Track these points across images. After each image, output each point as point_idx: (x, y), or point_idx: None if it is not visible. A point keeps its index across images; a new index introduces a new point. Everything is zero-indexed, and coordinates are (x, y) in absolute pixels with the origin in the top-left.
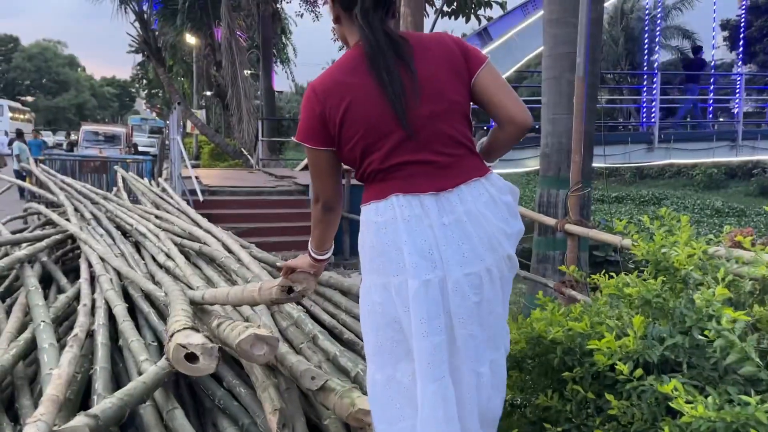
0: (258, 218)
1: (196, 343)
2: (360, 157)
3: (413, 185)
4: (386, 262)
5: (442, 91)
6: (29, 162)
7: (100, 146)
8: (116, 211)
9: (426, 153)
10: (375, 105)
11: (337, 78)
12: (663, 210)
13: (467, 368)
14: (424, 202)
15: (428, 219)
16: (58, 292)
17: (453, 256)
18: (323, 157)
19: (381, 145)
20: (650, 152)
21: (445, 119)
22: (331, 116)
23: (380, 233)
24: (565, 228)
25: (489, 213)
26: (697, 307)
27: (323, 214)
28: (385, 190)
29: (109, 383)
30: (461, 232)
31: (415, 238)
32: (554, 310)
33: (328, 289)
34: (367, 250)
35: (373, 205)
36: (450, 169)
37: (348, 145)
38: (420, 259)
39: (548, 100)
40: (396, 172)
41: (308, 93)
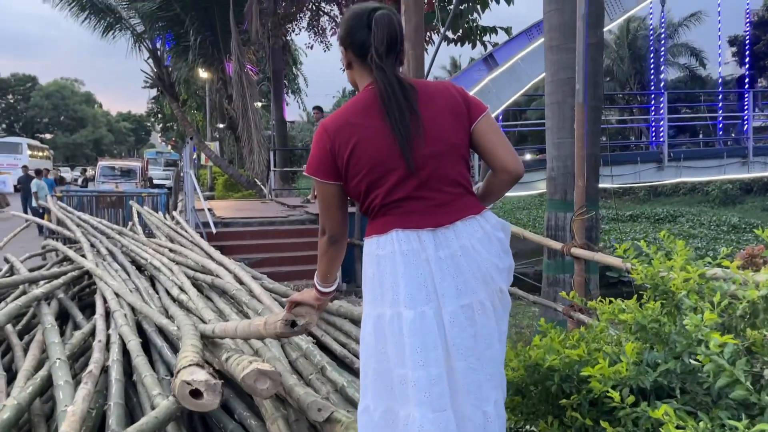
0: (270, 248)
1: (200, 379)
2: (365, 192)
3: (412, 221)
4: (383, 293)
5: (444, 134)
6: (47, 200)
7: (116, 180)
8: (131, 246)
9: (426, 190)
10: (382, 144)
11: (348, 118)
12: (661, 233)
13: (472, 407)
14: (422, 237)
15: (425, 253)
16: (75, 328)
17: (448, 288)
18: (331, 191)
19: (384, 181)
20: (660, 171)
21: (445, 160)
22: (340, 153)
23: (380, 265)
24: (572, 252)
25: (482, 249)
26: (687, 331)
27: (328, 246)
28: (386, 225)
29: (122, 418)
30: (456, 266)
31: (412, 271)
32: (554, 336)
33: (338, 318)
34: (368, 281)
35: (375, 238)
36: (447, 207)
37: (354, 181)
38: (416, 291)
39: (552, 124)
40: (397, 207)
41: (320, 130)
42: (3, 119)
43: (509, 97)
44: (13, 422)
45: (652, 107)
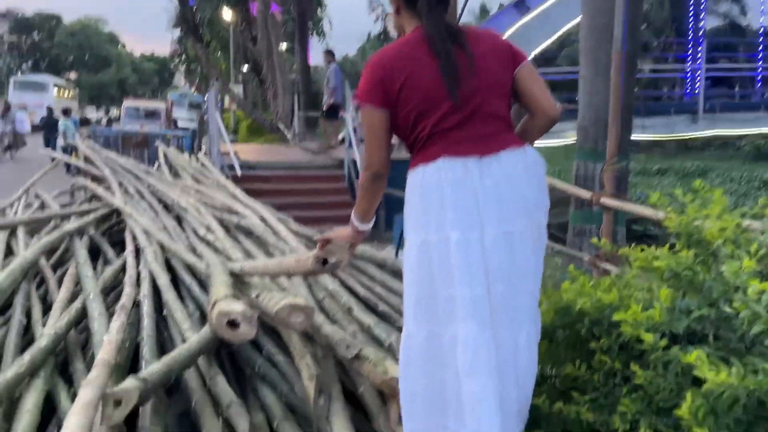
0: (295, 193)
1: (237, 310)
2: (413, 123)
3: (459, 149)
4: (428, 221)
5: (489, 71)
6: (75, 138)
7: (141, 121)
8: (158, 186)
9: (472, 122)
10: (431, 78)
11: (399, 53)
12: (697, 182)
13: (506, 332)
14: (468, 164)
15: (470, 180)
16: (105, 263)
17: (491, 215)
18: (380, 119)
19: (433, 112)
20: (694, 123)
21: (490, 95)
22: (392, 83)
23: (425, 194)
24: (600, 202)
25: (524, 181)
26: (725, 279)
27: (372, 182)
28: (433, 153)
29: (155, 350)
30: (499, 194)
31: (458, 197)
32: (584, 281)
33: (363, 261)
34: (412, 210)
35: (421, 168)
36: (492, 138)
37: (404, 111)
38: (462, 217)
39: (586, 72)
40: (444, 137)
41: (372, 61)
42: (29, 57)
43: (541, 43)
44: (51, 350)
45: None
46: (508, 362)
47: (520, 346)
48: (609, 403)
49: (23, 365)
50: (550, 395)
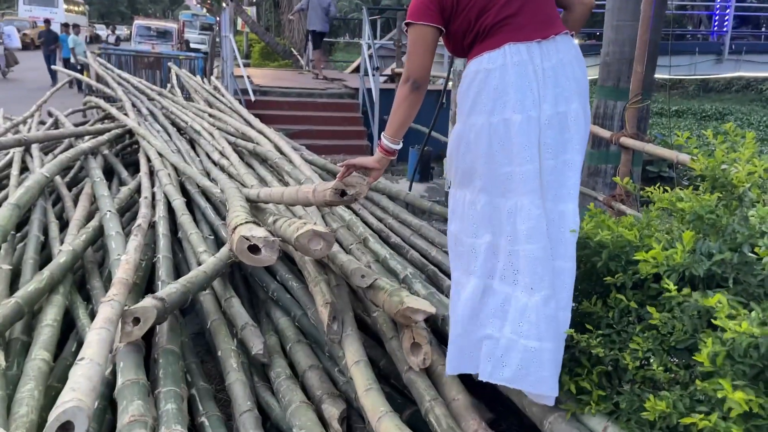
0: (308, 120)
1: (259, 236)
2: (476, 17)
3: (523, 34)
4: (491, 104)
5: None
6: (86, 55)
7: (152, 41)
8: (171, 108)
9: (530, 8)
10: None
11: None
12: (729, 125)
13: (551, 203)
14: (531, 48)
15: (532, 64)
16: (120, 184)
17: (548, 96)
18: (430, 34)
19: (495, 2)
20: (719, 64)
21: None
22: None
23: (489, 78)
24: (620, 141)
25: (576, 64)
26: (750, 224)
27: (410, 91)
28: (499, 41)
29: (171, 271)
30: (556, 76)
31: (522, 80)
32: (605, 218)
33: (376, 193)
34: (471, 95)
35: (486, 54)
36: (549, 22)
37: (464, 12)
38: (525, 98)
39: (613, 4)
40: (507, 24)
41: None
42: None
43: None
44: (69, 266)
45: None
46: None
47: (565, 215)
48: (621, 340)
49: (43, 280)
50: None
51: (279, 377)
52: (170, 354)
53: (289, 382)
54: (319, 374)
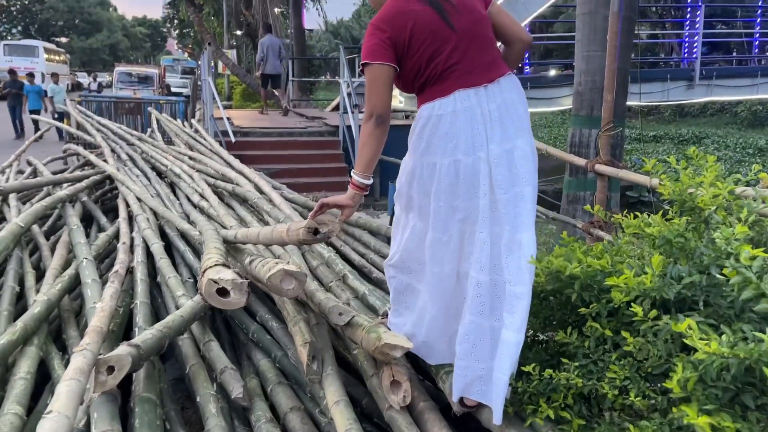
0: (289, 159)
1: (227, 278)
2: (426, 63)
3: (470, 80)
4: (441, 146)
5: (473, 8)
6: (65, 104)
7: (133, 87)
8: (151, 152)
9: (474, 53)
10: (432, 21)
11: (398, 8)
12: (692, 149)
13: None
14: (479, 93)
15: (480, 107)
16: (99, 230)
17: (496, 135)
18: (386, 72)
19: (443, 49)
20: (690, 89)
21: (482, 27)
22: (400, 37)
23: (440, 123)
24: (596, 168)
25: (519, 103)
26: (716, 245)
27: (375, 127)
28: (448, 87)
29: (149, 317)
30: (501, 117)
31: (471, 124)
32: (576, 247)
33: (357, 229)
34: (425, 138)
35: (438, 101)
36: (493, 65)
37: (415, 57)
38: (474, 140)
39: (582, 36)
40: (456, 70)
41: (375, 24)
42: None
43: (537, 7)
44: (44, 316)
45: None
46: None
47: (523, 244)
48: (598, 369)
49: (16, 333)
50: (539, 360)
51: (259, 420)
52: (146, 402)
53: (270, 426)
54: (300, 416)
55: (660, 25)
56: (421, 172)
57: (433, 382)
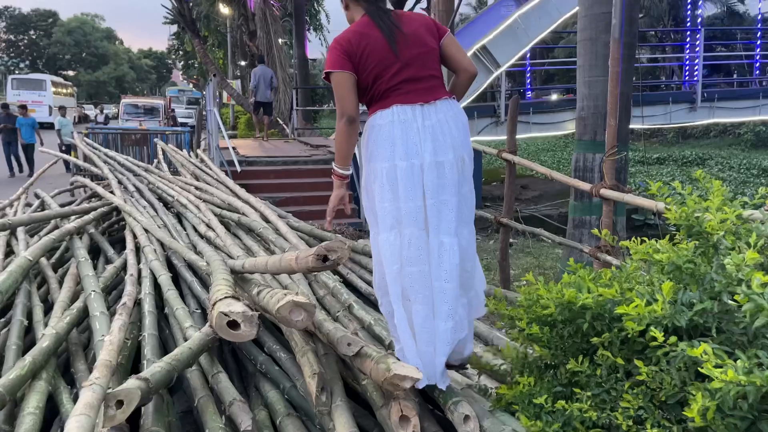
0: (294, 187)
1: (238, 311)
2: (372, 81)
3: (408, 99)
4: (383, 152)
5: (422, 41)
6: (73, 136)
7: (139, 118)
8: (158, 183)
9: (415, 78)
10: (382, 47)
11: (356, 31)
12: (698, 173)
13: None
14: (414, 110)
15: (415, 123)
16: (106, 262)
17: (427, 148)
18: (348, 79)
19: (387, 72)
20: (692, 112)
21: (426, 58)
22: (355, 53)
23: (381, 131)
24: (601, 193)
25: (453, 124)
26: (727, 271)
27: (347, 126)
28: (388, 102)
29: (157, 349)
30: (434, 133)
31: (406, 135)
32: (584, 275)
33: (363, 257)
34: (369, 146)
35: (379, 112)
36: (431, 90)
37: (365, 73)
38: (408, 149)
39: (584, 62)
40: (397, 90)
41: (336, 40)
42: (26, 56)
43: (538, 33)
44: (52, 350)
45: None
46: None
47: (444, 245)
48: (612, 399)
49: (25, 367)
50: (551, 388)
51: None
52: None
53: None
54: None
55: (660, 49)
56: (369, 178)
57: (442, 411)
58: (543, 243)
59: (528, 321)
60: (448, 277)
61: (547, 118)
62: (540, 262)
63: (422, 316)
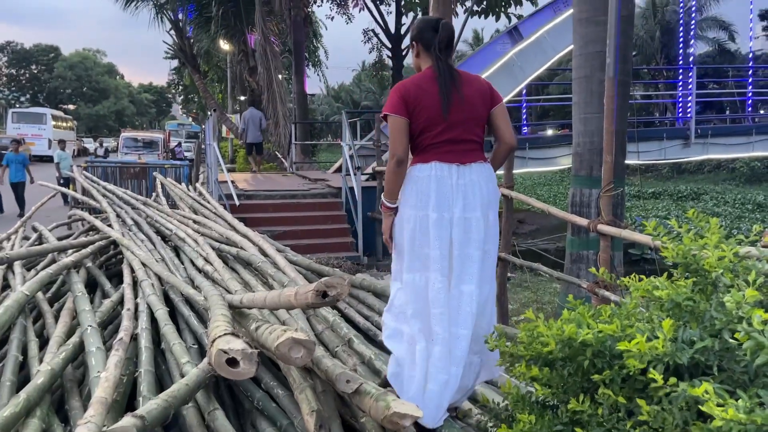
0: (292, 221)
1: (237, 348)
2: (419, 133)
3: (447, 158)
4: (418, 202)
5: (472, 107)
6: (72, 170)
7: (139, 152)
8: (156, 217)
9: (457, 140)
10: (435, 105)
11: (417, 84)
12: (691, 212)
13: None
14: (451, 168)
15: (450, 180)
16: (103, 296)
17: (458, 204)
18: (403, 123)
19: (433, 129)
20: (686, 148)
21: (471, 123)
22: (410, 102)
23: (419, 183)
24: (598, 228)
25: (484, 185)
26: (727, 309)
27: (396, 166)
28: (429, 157)
29: (153, 385)
30: (465, 192)
31: (440, 189)
32: (584, 311)
33: (361, 291)
34: (407, 193)
35: (419, 165)
36: (469, 153)
37: (414, 123)
38: (440, 203)
39: (579, 99)
40: (438, 147)
41: (398, 87)
42: (27, 90)
43: (534, 70)
44: (47, 387)
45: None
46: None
47: (464, 294)
48: None
49: (19, 404)
50: (551, 430)
51: None
52: None
53: None
54: None
55: (653, 86)
56: (401, 221)
57: None
58: (541, 278)
59: (528, 360)
60: (464, 324)
61: (542, 153)
62: (538, 296)
63: (440, 357)
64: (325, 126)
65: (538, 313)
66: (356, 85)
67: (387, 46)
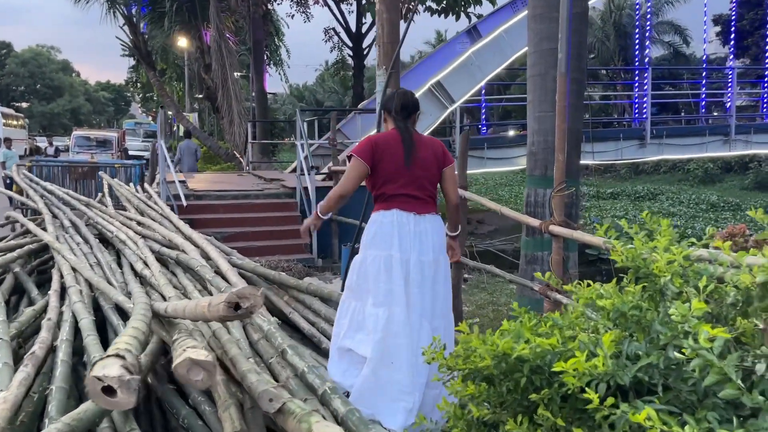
0: (244, 222)
1: (112, 375)
2: (381, 183)
3: (406, 207)
4: (381, 244)
5: (428, 166)
6: (13, 170)
7: (91, 151)
8: (97, 219)
9: (415, 194)
10: (398, 161)
11: (387, 140)
12: (644, 213)
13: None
14: (409, 217)
15: (409, 226)
16: (29, 303)
17: (415, 248)
18: (362, 169)
19: (395, 182)
20: (643, 148)
21: (427, 181)
22: (376, 154)
23: (383, 227)
24: (549, 229)
25: (435, 233)
26: (673, 322)
27: (339, 197)
28: (391, 206)
29: (64, 403)
30: (421, 238)
31: (401, 235)
32: (526, 322)
33: (307, 296)
34: (371, 236)
35: (382, 212)
36: (425, 205)
37: (377, 174)
38: (401, 246)
39: (534, 97)
40: (398, 198)
41: (370, 138)
42: None
43: (492, 70)
44: None
45: (636, 84)
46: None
47: (424, 327)
48: None
49: None
50: None
51: None
52: None
53: None
54: None
55: (612, 87)
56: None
57: None
58: (498, 279)
59: (464, 376)
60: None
61: (501, 153)
62: (494, 298)
63: (403, 382)
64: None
65: (493, 314)
66: (319, 85)
67: (348, 45)
